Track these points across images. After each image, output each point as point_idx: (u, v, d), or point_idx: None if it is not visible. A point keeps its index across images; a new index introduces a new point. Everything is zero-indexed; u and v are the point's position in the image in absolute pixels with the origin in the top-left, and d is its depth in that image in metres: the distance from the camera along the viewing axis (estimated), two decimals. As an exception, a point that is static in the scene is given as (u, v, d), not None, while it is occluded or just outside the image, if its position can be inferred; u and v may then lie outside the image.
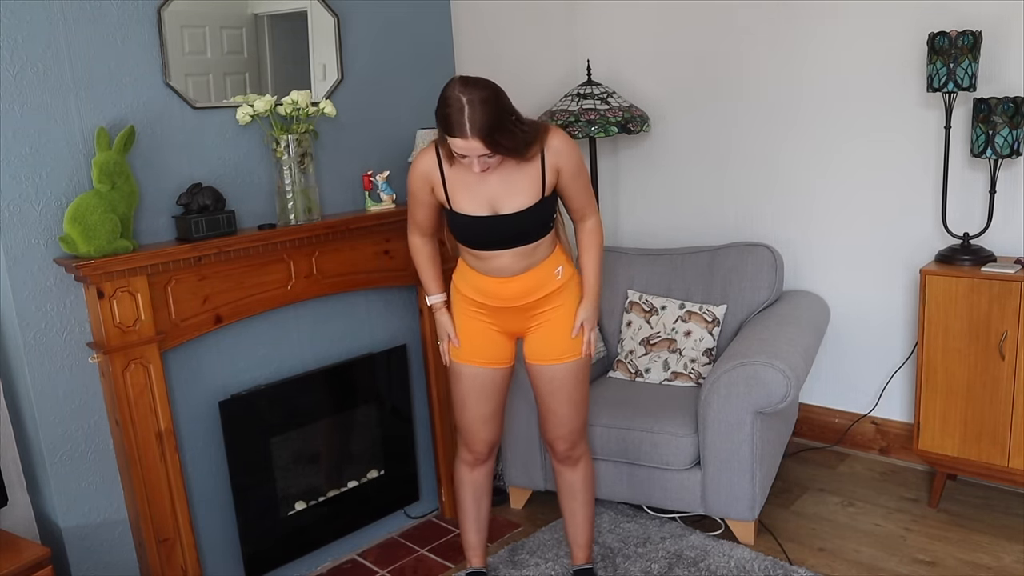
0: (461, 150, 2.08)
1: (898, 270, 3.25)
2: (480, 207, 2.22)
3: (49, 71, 2.16)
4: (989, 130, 2.71)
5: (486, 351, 2.40)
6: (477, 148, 2.06)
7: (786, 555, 2.77)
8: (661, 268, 3.41)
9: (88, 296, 2.23)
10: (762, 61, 3.42)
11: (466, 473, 2.56)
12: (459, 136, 2.05)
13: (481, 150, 2.07)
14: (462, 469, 2.57)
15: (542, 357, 2.39)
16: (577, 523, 2.58)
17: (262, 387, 2.64)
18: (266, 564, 2.70)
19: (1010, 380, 2.72)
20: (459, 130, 2.04)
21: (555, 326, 2.37)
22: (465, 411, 2.46)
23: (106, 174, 2.16)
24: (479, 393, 2.43)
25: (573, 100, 3.51)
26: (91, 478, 2.34)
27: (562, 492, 2.58)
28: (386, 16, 2.87)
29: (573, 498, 2.55)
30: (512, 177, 2.21)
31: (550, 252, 2.34)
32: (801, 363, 2.73)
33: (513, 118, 2.09)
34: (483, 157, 2.10)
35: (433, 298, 2.46)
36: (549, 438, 2.49)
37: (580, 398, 2.44)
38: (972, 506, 3.00)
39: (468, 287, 2.37)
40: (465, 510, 2.60)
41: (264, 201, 2.62)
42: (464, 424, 2.48)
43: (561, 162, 2.22)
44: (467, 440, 2.51)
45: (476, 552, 2.64)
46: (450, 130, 2.06)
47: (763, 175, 3.53)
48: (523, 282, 2.30)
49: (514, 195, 2.21)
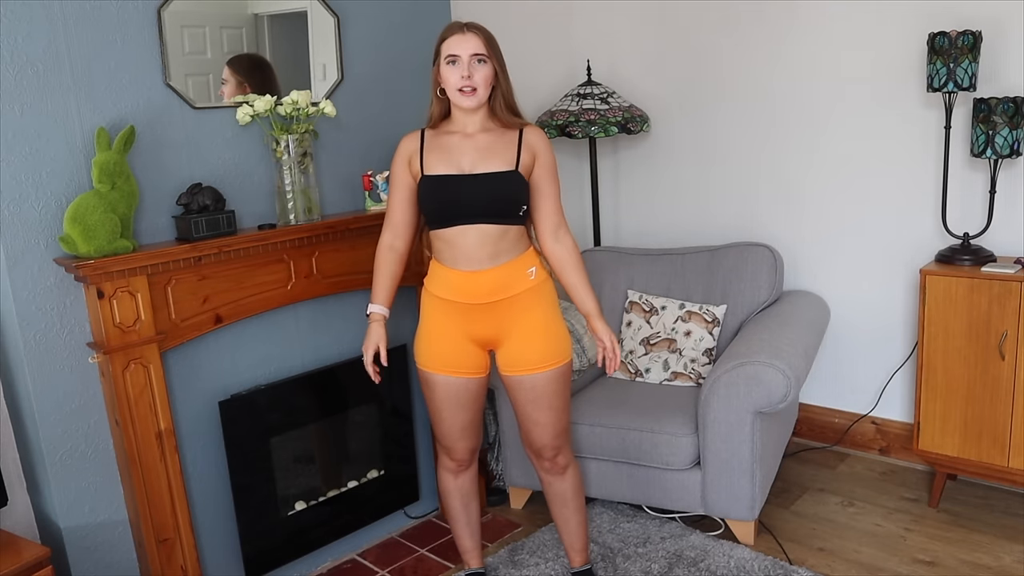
0: (455, 48, 2.11)
1: (898, 270, 3.25)
2: (451, 169, 2.21)
3: (49, 71, 2.16)
4: (989, 130, 2.71)
5: (458, 360, 2.31)
6: (472, 44, 2.11)
7: (786, 555, 2.77)
8: (661, 268, 3.41)
9: (88, 296, 2.23)
10: (762, 61, 3.42)
11: (450, 481, 2.51)
12: (456, 32, 2.12)
13: (476, 48, 2.11)
14: (446, 477, 2.51)
15: (519, 367, 2.29)
16: (571, 529, 2.54)
17: (262, 387, 2.64)
18: (266, 564, 2.70)
19: (1010, 380, 2.72)
20: (457, 28, 2.13)
21: (530, 334, 2.28)
22: (442, 422, 2.39)
23: (106, 174, 2.16)
24: (454, 403, 2.35)
25: (573, 100, 3.51)
26: (91, 478, 2.34)
27: (553, 501, 2.51)
28: (386, 16, 2.87)
29: (565, 506, 2.49)
30: (490, 148, 2.22)
31: (522, 250, 2.27)
32: (801, 363, 2.73)
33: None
34: (475, 59, 2.11)
35: (375, 307, 2.33)
36: (535, 448, 2.41)
37: (562, 404, 2.35)
38: (972, 506, 3.00)
39: (438, 285, 2.29)
40: (455, 517, 2.57)
41: (264, 201, 2.62)
42: (442, 433, 2.42)
43: (539, 148, 2.24)
44: (448, 449, 2.45)
45: (473, 555, 2.63)
46: (447, 33, 2.14)
47: (763, 175, 3.53)
48: (493, 276, 2.22)
49: (487, 160, 2.21)
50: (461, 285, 2.25)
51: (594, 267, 3.48)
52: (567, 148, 3.96)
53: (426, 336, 2.34)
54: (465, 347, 2.31)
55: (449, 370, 2.32)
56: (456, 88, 2.14)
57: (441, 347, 2.31)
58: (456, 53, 2.12)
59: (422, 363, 2.36)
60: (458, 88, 2.14)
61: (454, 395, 2.34)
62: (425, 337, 2.35)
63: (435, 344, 2.32)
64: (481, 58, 2.12)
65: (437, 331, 2.32)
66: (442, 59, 2.16)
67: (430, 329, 2.33)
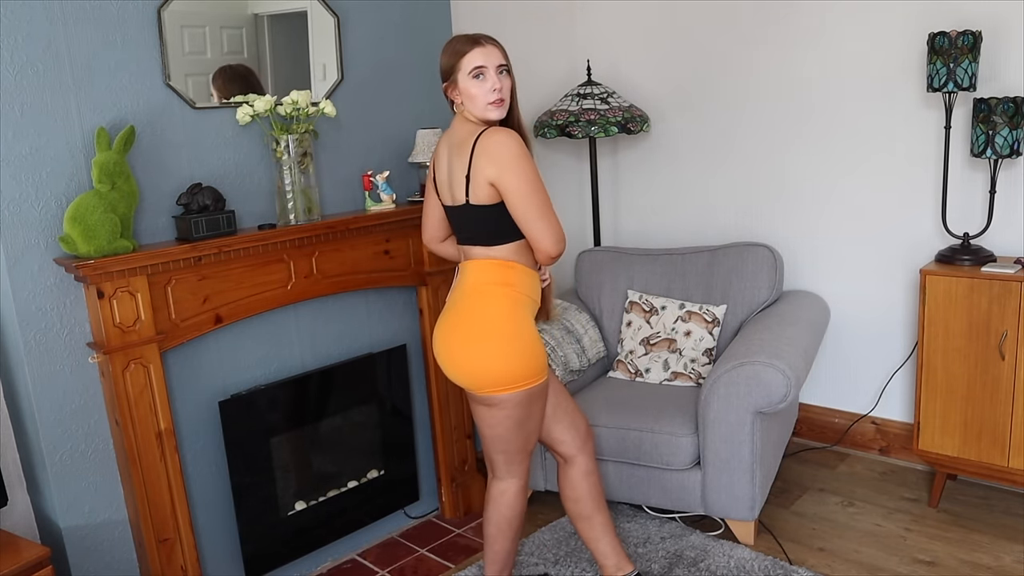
0: (480, 60, 2.06)
1: (898, 270, 3.25)
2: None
3: (49, 71, 2.16)
4: (989, 130, 2.71)
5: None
6: (496, 56, 2.07)
7: (786, 555, 2.77)
8: (661, 268, 3.41)
9: (88, 296, 2.23)
10: (762, 61, 3.42)
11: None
12: (476, 46, 2.06)
13: (499, 59, 2.07)
14: (521, 493, 2.35)
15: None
16: (610, 521, 2.45)
17: (262, 387, 2.64)
18: (266, 564, 2.70)
19: (1010, 380, 2.72)
20: (474, 41, 2.07)
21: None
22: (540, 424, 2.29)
23: (106, 174, 2.16)
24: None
25: (573, 100, 3.51)
26: (91, 478, 2.34)
27: (600, 504, 2.40)
28: (386, 16, 2.87)
29: (600, 498, 2.42)
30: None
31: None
32: (801, 363, 2.73)
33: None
34: (499, 70, 2.08)
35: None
36: (586, 432, 2.37)
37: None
38: (972, 506, 3.00)
39: (530, 286, 2.21)
40: (513, 530, 2.40)
41: (264, 201, 2.62)
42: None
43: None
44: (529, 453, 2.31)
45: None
46: (465, 47, 2.07)
47: (763, 175, 3.53)
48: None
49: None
50: (538, 285, 2.23)
51: (594, 267, 3.48)
52: (567, 148, 3.96)
53: (534, 340, 2.16)
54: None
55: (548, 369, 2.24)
56: (487, 102, 2.08)
57: (544, 345, 2.24)
58: (483, 65, 2.06)
59: (541, 371, 2.17)
60: (489, 101, 2.08)
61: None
62: (534, 342, 2.16)
63: (541, 344, 2.21)
64: (504, 68, 2.10)
65: (536, 333, 2.19)
66: (463, 73, 2.07)
67: (533, 332, 2.17)
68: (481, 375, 2.13)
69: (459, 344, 2.15)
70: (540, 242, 2.08)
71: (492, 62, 2.07)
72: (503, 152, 2.03)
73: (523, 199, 2.04)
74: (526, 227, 2.08)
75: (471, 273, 2.17)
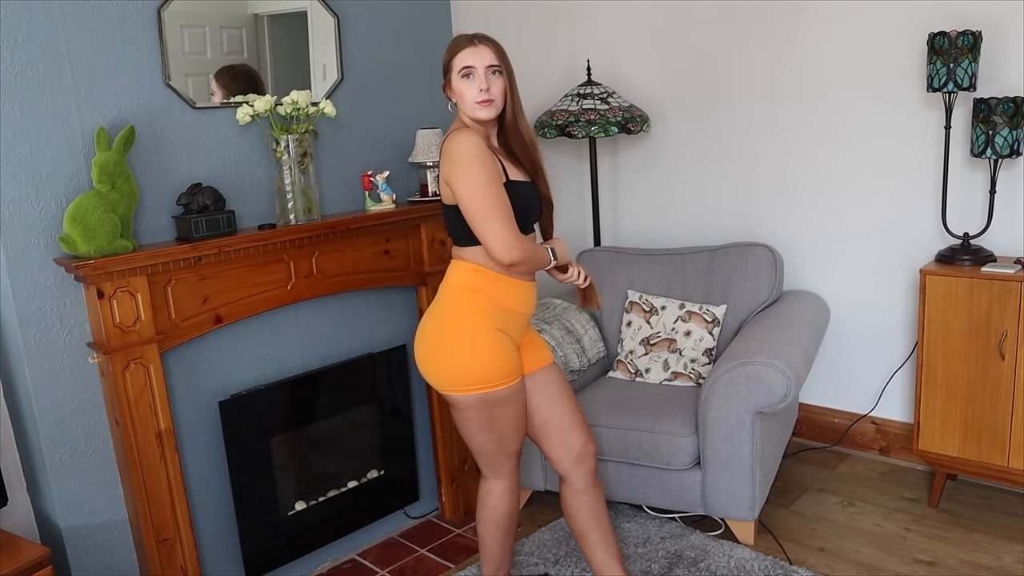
0: (469, 60, 2.07)
1: (898, 270, 3.25)
2: (521, 176, 2.17)
3: (49, 71, 2.16)
4: (989, 130, 2.71)
5: (518, 363, 2.23)
6: (487, 56, 2.07)
7: (786, 555, 2.77)
8: (661, 268, 3.41)
9: (88, 296, 2.23)
10: (762, 61, 3.42)
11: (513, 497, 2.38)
12: (468, 46, 2.08)
13: (491, 59, 2.07)
14: (512, 495, 2.37)
15: (543, 359, 2.31)
16: (615, 545, 2.37)
17: (262, 387, 2.64)
18: (266, 564, 2.70)
19: (1010, 380, 2.72)
20: (467, 41, 2.09)
21: (534, 334, 2.34)
22: (518, 432, 2.26)
23: (106, 174, 2.16)
24: (524, 406, 2.26)
25: (573, 100, 3.51)
26: (91, 478, 2.34)
27: (596, 522, 2.33)
28: (386, 16, 2.87)
29: (602, 522, 2.34)
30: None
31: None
32: (801, 363, 2.73)
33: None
34: (490, 70, 2.07)
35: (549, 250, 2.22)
36: (579, 453, 2.29)
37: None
38: (972, 506, 3.00)
39: (506, 295, 2.18)
40: (509, 535, 2.43)
41: (264, 201, 2.62)
42: (516, 445, 2.29)
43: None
44: (514, 456, 2.30)
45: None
46: (458, 47, 2.09)
47: (763, 175, 3.53)
48: (534, 285, 2.25)
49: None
50: (525, 296, 2.20)
51: (594, 267, 3.47)
52: (567, 148, 3.96)
53: (492, 346, 2.14)
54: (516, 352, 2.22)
55: (518, 376, 2.20)
56: (474, 101, 2.08)
57: (512, 354, 2.18)
58: (471, 65, 2.07)
59: (497, 378, 2.13)
60: (476, 101, 2.08)
61: (523, 397, 2.25)
62: (492, 348, 2.14)
63: (505, 353, 2.16)
64: (496, 69, 2.09)
65: (499, 342, 2.15)
66: (455, 73, 2.09)
67: (494, 337, 2.14)
68: (435, 374, 2.20)
69: (423, 342, 2.22)
70: (488, 248, 2.07)
71: (482, 62, 2.07)
72: (452, 156, 2.06)
73: (466, 204, 2.05)
74: (475, 232, 2.07)
75: (448, 274, 2.22)
